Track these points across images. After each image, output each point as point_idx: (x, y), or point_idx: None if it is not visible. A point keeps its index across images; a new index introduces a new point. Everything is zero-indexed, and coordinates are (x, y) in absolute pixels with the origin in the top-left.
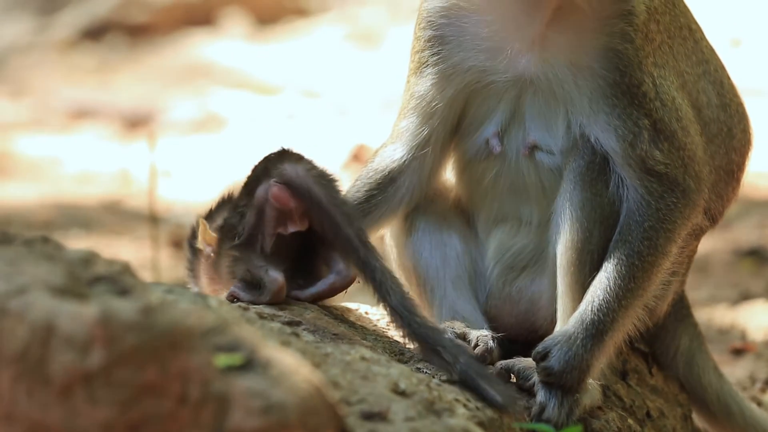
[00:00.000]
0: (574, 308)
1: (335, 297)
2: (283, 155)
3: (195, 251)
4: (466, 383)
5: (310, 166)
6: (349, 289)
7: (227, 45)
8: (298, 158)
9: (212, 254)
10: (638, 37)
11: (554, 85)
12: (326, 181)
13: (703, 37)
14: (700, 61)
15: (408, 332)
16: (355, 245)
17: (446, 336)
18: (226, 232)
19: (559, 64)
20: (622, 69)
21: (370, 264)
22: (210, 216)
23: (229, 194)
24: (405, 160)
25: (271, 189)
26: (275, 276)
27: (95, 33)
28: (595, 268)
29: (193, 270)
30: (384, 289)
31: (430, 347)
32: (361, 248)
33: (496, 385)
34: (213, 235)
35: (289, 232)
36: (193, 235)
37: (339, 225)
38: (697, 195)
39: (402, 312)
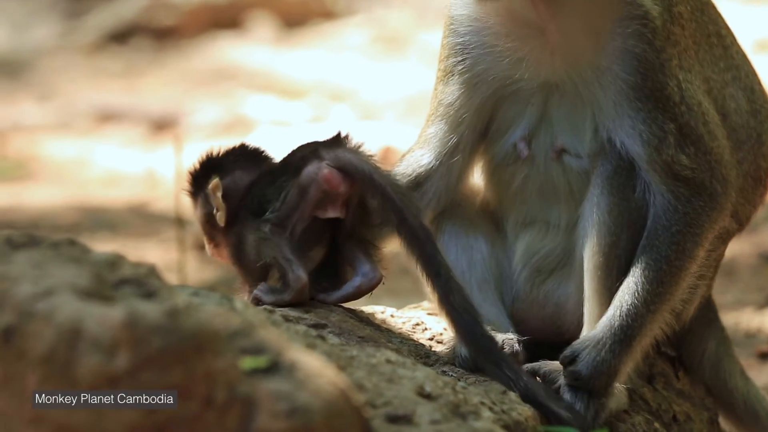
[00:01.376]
0: (601, 312)
1: (360, 301)
2: (340, 140)
3: (205, 204)
4: (528, 399)
5: (369, 154)
6: (375, 292)
7: (254, 48)
8: (357, 145)
9: (221, 217)
10: (657, 39)
11: (580, 88)
12: (385, 171)
13: (734, 43)
14: (729, 67)
15: (465, 336)
16: (421, 238)
17: (502, 349)
18: (253, 202)
19: (582, 67)
20: (642, 72)
21: (435, 259)
22: (222, 170)
23: (245, 150)
24: (432, 166)
25: (322, 170)
26: (300, 274)
27: (122, 36)
28: (623, 273)
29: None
30: (448, 287)
31: (490, 359)
32: (428, 243)
33: (559, 401)
34: (222, 202)
35: (327, 216)
36: (199, 187)
37: (405, 216)
38: (724, 198)
39: (463, 314)
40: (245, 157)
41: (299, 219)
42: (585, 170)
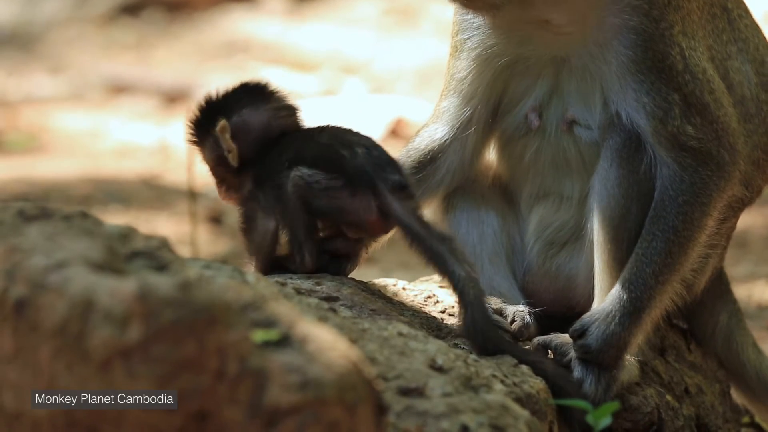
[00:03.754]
0: (612, 285)
1: (373, 273)
2: (400, 186)
3: (215, 148)
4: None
5: (415, 204)
6: (387, 265)
7: (265, 21)
8: (409, 195)
9: (234, 157)
10: (655, 8)
11: (588, 63)
12: (429, 223)
13: (742, 16)
14: (736, 40)
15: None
16: (466, 291)
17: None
18: (283, 154)
19: (586, 43)
20: (641, 44)
21: (482, 311)
22: (227, 111)
23: (247, 88)
24: (446, 140)
25: (371, 215)
26: (308, 264)
27: (133, 8)
28: (633, 245)
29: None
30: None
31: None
32: (473, 291)
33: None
34: (231, 143)
35: (348, 234)
36: (204, 132)
37: (450, 267)
38: (732, 167)
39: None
40: (249, 94)
41: (327, 223)
42: (596, 142)
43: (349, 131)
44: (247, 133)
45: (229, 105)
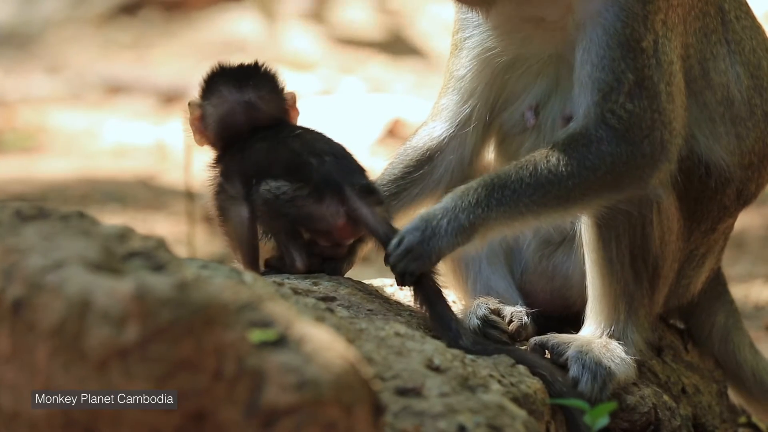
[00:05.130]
0: (603, 284)
1: (369, 273)
2: (367, 190)
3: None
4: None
5: (384, 209)
6: (384, 265)
7: (263, 20)
8: (378, 201)
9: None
10: None
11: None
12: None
13: (740, 17)
14: (727, 41)
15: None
16: (432, 299)
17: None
18: (250, 164)
19: (580, 36)
20: (623, 20)
21: (446, 316)
22: (205, 93)
23: (224, 71)
24: (445, 138)
25: (339, 220)
26: (299, 266)
27: (131, 8)
28: (620, 243)
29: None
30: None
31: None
32: (438, 301)
33: (564, 376)
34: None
35: (319, 243)
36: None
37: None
38: (647, 161)
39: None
40: (230, 78)
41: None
42: None
43: (322, 138)
44: (213, 121)
45: (208, 86)
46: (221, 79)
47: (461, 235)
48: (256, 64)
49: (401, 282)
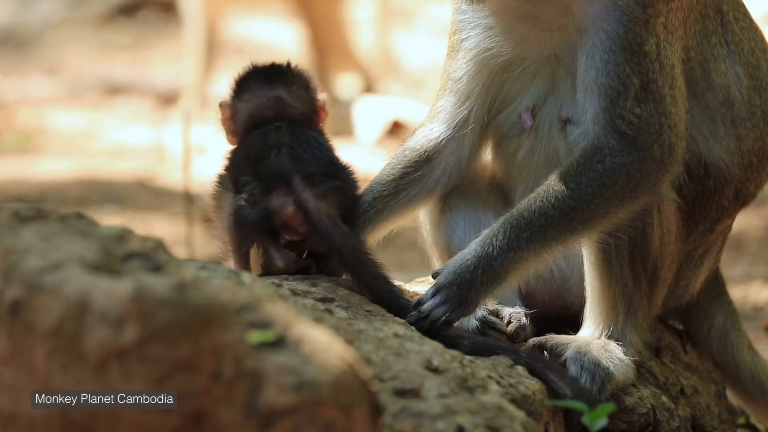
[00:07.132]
0: (600, 285)
1: None
2: (313, 181)
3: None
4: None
5: (332, 211)
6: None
7: (261, 21)
8: (323, 193)
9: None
10: None
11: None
12: (343, 229)
13: (738, 18)
14: (726, 42)
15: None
16: (376, 291)
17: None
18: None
19: (576, 37)
20: (625, 24)
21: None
22: (236, 92)
23: (257, 70)
24: (442, 140)
25: (287, 208)
26: (279, 264)
27: (130, 9)
28: (618, 243)
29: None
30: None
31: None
32: (384, 291)
33: (564, 377)
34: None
35: (288, 238)
36: None
37: (360, 277)
38: (659, 165)
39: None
40: (258, 78)
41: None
42: None
43: (301, 132)
44: (242, 117)
45: (239, 84)
46: (252, 76)
47: (496, 282)
48: (288, 63)
49: (434, 330)
